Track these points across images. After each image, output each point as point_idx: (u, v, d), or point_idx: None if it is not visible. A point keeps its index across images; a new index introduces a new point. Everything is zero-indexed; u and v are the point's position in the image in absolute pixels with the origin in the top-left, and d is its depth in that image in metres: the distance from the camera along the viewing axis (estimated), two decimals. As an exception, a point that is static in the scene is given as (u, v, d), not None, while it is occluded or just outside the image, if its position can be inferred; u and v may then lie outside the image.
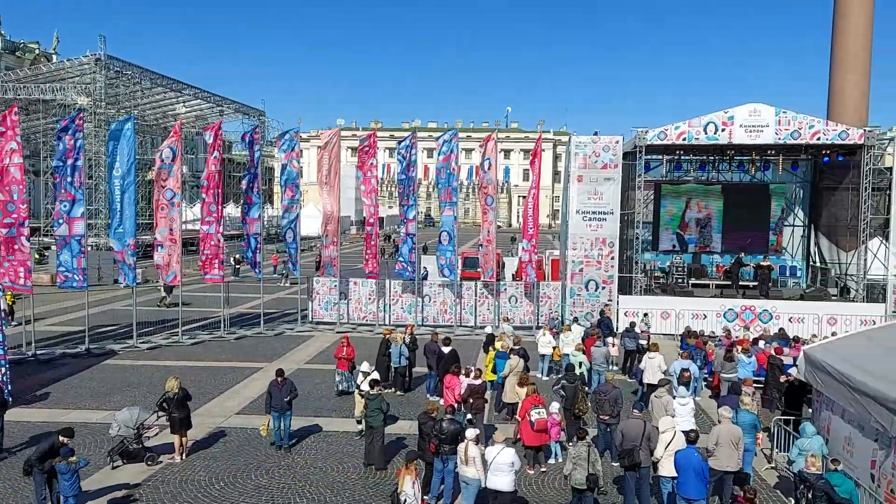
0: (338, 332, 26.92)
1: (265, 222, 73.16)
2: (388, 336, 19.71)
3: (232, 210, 70.35)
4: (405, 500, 10.06)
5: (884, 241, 26.88)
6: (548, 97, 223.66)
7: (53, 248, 30.98)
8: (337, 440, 15.37)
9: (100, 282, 39.23)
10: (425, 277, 31.17)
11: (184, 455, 14.14)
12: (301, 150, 32.12)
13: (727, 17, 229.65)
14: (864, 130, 26.75)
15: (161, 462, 13.80)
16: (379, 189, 29.88)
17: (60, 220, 22.57)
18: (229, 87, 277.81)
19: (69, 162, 22.41)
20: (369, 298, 28.58)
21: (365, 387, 14.59)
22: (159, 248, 24.34)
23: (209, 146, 26.41)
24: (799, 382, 14.72)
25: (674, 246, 32.42)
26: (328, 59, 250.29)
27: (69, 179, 22.41)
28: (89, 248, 29.48)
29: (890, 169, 26.66)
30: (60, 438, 11.25)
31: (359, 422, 15.09)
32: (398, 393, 19.01)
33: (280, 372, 14.90)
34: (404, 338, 19.46)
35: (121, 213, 23.36)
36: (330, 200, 28.13)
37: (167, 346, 24.58)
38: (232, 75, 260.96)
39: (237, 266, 44.56)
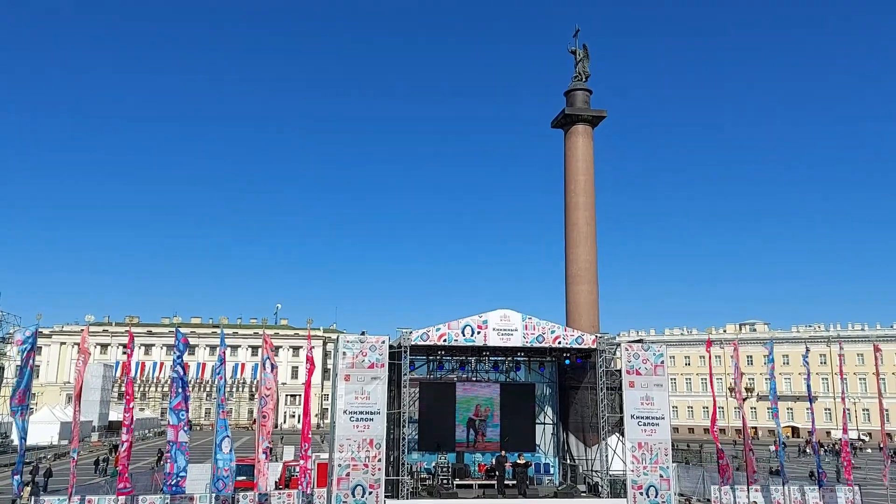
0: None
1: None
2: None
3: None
4: None
5: (620, 438, 29.61)
6: (317, 294, 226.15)
7: None
8: None
9: None
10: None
11: None
12: (41, 347, 28.91)
13: (485, 239, 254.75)
14: (597, 336, 30.32)
15: None
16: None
17: None
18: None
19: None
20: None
21: None
22: None
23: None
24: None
25: (438, 444, 32.76)
26: (79, 248, 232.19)
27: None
28: None
29: (619, 371, 30.12)
30: None
31: None
32: None
33: None
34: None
35: None
36: (77, 407, 25.25)
37: None
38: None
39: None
